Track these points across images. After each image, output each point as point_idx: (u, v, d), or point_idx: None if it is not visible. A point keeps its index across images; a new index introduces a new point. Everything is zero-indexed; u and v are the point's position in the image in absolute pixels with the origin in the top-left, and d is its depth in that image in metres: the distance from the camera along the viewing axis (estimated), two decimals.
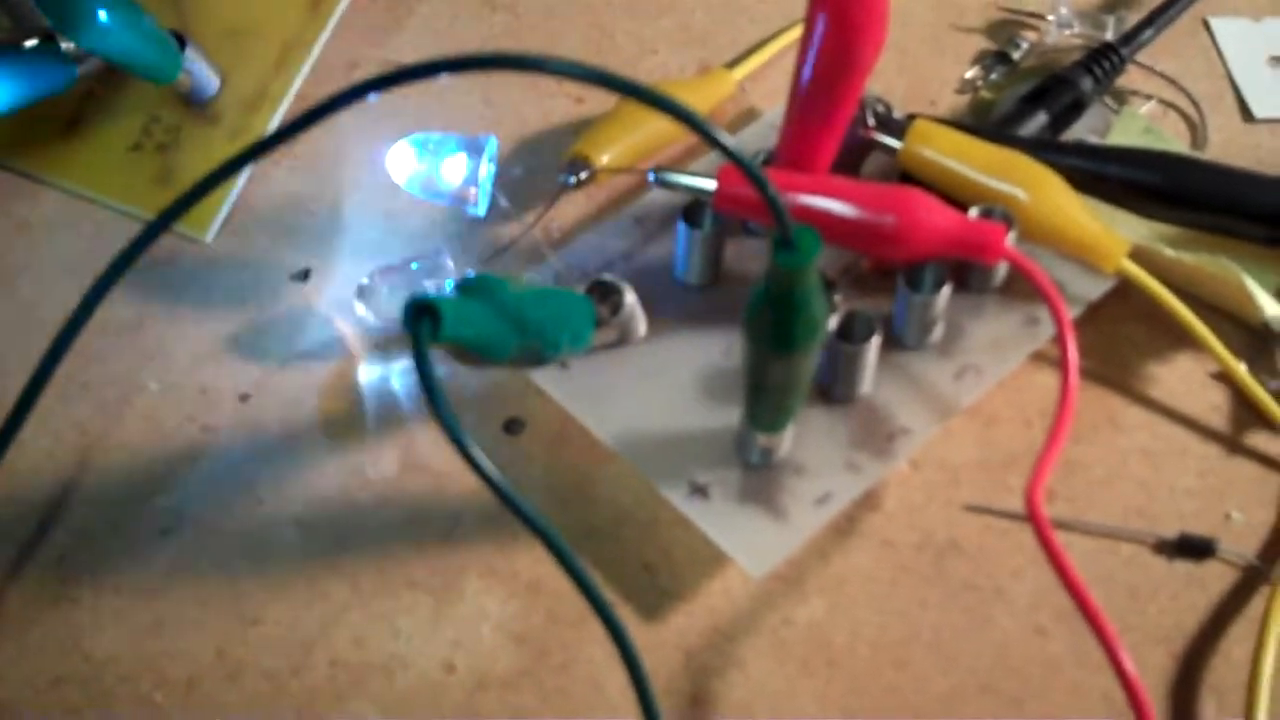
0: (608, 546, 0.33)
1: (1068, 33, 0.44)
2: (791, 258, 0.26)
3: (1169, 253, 0.37)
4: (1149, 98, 0.43)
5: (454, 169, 0.36)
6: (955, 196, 0.36)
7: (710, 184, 0.35)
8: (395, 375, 0.36)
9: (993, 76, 0.44)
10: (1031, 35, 0.45)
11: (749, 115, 0.42)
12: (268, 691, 0.31)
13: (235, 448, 0.35)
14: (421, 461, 0.35)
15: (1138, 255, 0.36)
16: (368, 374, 0.36)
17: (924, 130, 0.37)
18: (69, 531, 0.34)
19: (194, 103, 0.41)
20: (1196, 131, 0.43)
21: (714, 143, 0.24)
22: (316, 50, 0.42)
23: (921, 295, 0.34)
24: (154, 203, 0.39)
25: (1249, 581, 0.33)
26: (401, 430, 0.35)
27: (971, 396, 0.35)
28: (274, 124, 0.40)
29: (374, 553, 0.33)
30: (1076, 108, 0.40)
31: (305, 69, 0.41)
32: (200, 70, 0.40)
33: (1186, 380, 0.37)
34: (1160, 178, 0.37)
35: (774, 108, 0.41)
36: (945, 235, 0.34)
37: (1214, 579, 0.33)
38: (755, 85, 0.43)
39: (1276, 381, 0.36)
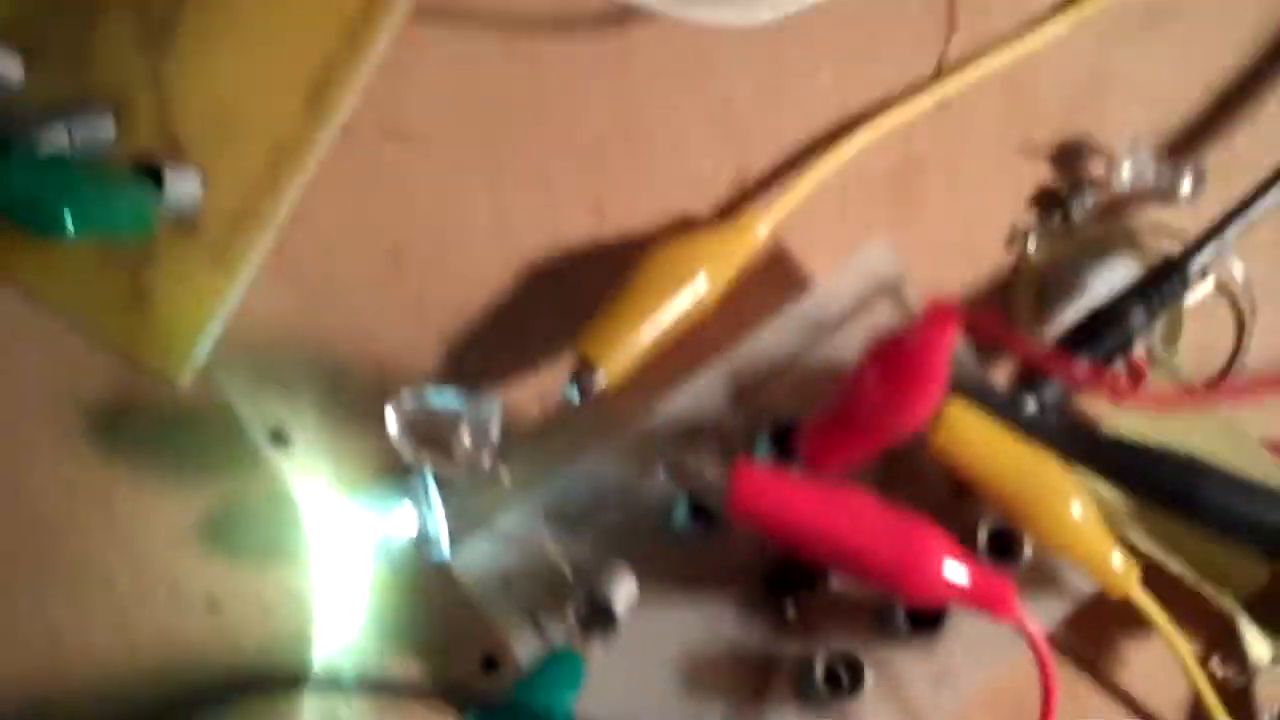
0: None
1: (1139, 185, 0.37)
2: None
3: (1175, 567, 0.33)
4: (1203, 274, 0.37)
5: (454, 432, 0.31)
6: (971, 488, 0.32)
7: (719, 482, 0.31)
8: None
9: (1045, 232, 0.37)
10: (1098, 170, 0.38)
11: (786, 275, 0.36)
12: None
13: (205, 674, 0.32)
14: None
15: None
16: (350, 592, 0.33)
17: (953, 420, 0.32)
18: None
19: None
20: (1244, 328, 0.37)
21: None
22: (313, 161, 0.34)
23: None
24: (125, 328, 0.34)
25: None
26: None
27: None
28: (264, 245, 0.34)
29: None
30: (1124, 347, 0.35)
31: (299, 182, 0.34)
32: (179, 194, 0.33)
33: (1158, 668, 0.35)
34: (1170, 488, 0.33)
35: (820, 267, 0.36)
36: (951, 587, 0.30)
37: None
38: (793, 229, 0.36)
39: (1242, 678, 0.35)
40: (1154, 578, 0.33)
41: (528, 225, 0.36)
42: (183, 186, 0.33)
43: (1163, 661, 0.35)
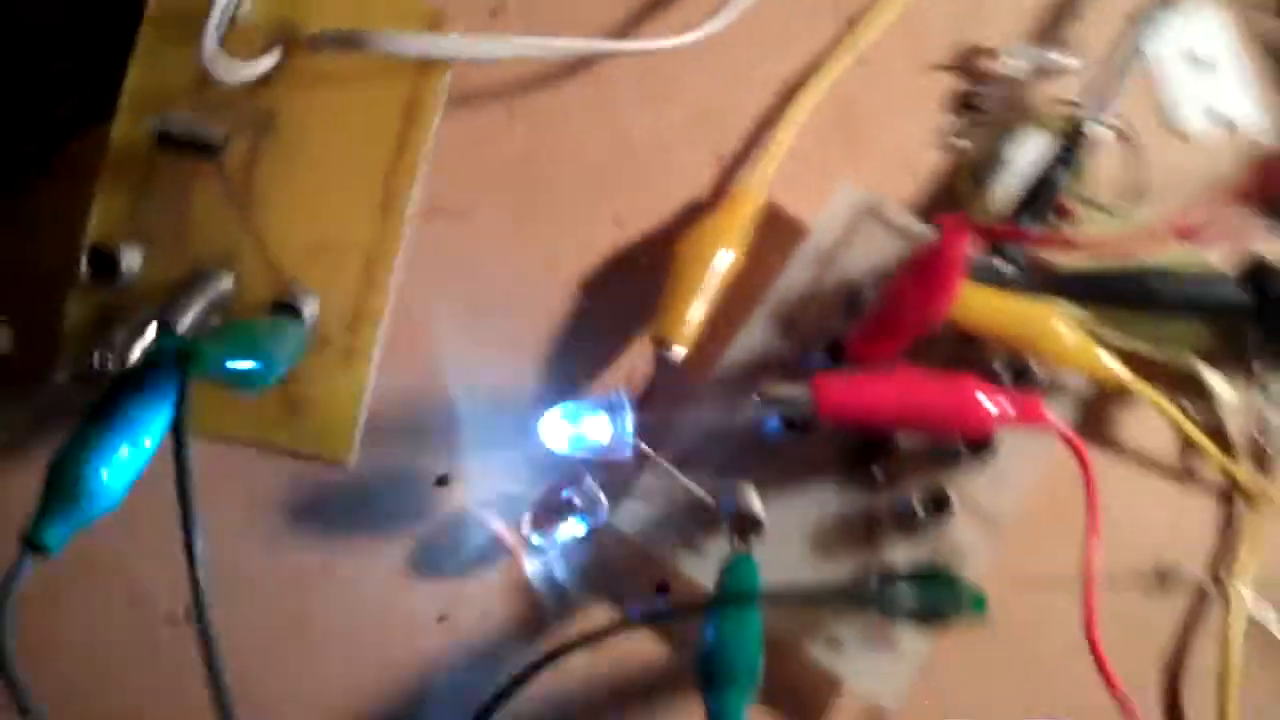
0: None
1: (1027, 67, 0.46)
2: None
3: (1141, 347, 0.43)
4: (1097, 125, 0.46)
5: (598, 428, 0.39)
6: (980, 338, 0.41)
7: (805, 396, 0.39)
8: (556, 562, 0.41)
9: (967, 130, 0.46)
10: (994, 65, 0.47)
11: (785, 225, 0.44)
12: None
13: (459, 668, 0.40)
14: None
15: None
16: (532, 568, 0.41)
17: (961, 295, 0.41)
18: None
19: None
20: (1135, 151, 0.46)
21: None
22: (398, 258, 0.42)
23: None
24: (291, 435, 0.41)
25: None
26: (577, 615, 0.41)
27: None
28: (379, 334, 0.41)
29: None
30: (1053, 202, 0.44)
31: (394, 281, 0.41)
32: (309, 317, 0.40)
33: (1147, 431, 0.44)
34: (1130, 294, 0.42)
35: (805, 209, 0.44)
36: (1000, 417, 0.39)
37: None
38: (780, 186, 0.44)
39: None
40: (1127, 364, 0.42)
41: (568, 251, 0.44)
42: (309, 309, 0.40)
43: (1150, 426, 0.44)
